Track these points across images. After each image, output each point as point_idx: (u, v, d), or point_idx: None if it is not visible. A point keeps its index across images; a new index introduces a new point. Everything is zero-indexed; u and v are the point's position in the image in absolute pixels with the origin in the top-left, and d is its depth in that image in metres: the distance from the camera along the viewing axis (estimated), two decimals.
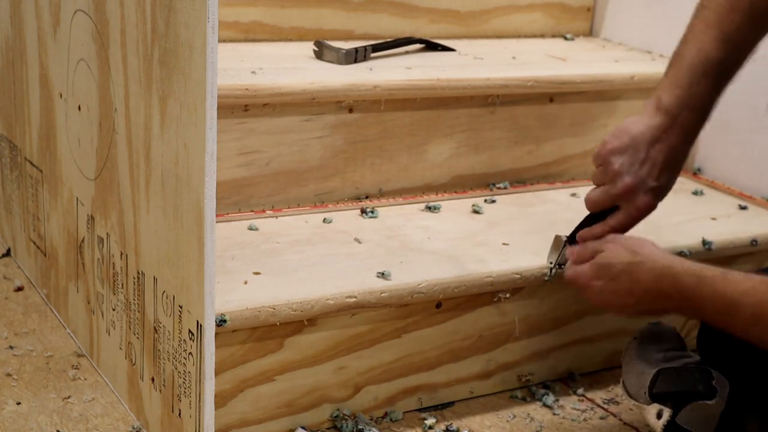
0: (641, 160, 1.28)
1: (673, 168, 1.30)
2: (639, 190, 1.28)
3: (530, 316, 1.44)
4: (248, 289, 1.25)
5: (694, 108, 1.27)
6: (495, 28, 1.99)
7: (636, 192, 1.28)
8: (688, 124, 1.28)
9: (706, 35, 1.27)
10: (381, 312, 1.31)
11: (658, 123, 1.28)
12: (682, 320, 1.57)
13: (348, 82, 1.52)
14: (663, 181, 1.29)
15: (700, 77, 1.27)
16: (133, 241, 1.25)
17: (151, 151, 1.17)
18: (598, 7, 2.10)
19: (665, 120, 1.28)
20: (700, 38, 1.27)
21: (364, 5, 1.82)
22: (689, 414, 1.21)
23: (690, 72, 1.27)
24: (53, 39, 1.40)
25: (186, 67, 1.07)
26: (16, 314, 1.54)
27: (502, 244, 1.47)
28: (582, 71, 1.74)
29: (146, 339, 1.25)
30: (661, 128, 1.28)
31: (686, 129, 1.28)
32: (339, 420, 1.32)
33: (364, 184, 1.59)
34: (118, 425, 1.29)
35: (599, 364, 1.53)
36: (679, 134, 1.28)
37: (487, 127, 1.67)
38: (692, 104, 1.27)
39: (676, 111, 1.27)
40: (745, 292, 1.08)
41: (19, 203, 1.66)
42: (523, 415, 1.40)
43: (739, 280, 1.10)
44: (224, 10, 1.69)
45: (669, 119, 1.28)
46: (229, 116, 1.44)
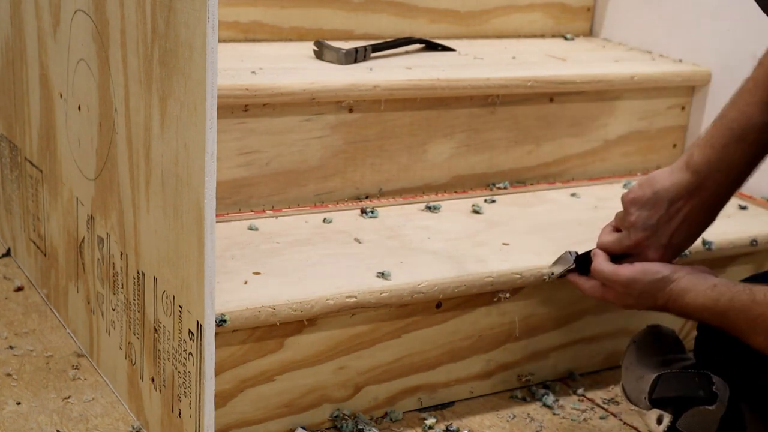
0: (659, 217, 1.25)
1: (690, 229, 1.27)
2: (650, 246, 1.27)
3: (530, 316, 1.44)
4: (248, 289, 1.25)
5: (725, 172, 1.22)
6: (495, 28, 1.99)
7: (647, 248, 1.27)
8: (715, 187, 1.23)
9: (754, 96, 1.20)
10: (381, 312, 1.31)
11: (685, 182, 1.24)
12: (681, 323, 1.57)
13: (348, 82, 1.52)
14: (677, 240, 1.27)
15: (737, 140, 1.21)
16: (133, 241, 1.25)
17: (151, 151, 1.17)
18: (598, 7, 2.10)
19: (692, 179, 1.24)
20: (746, 99, 1.21)
21: (364, 5, 1.82)
22: (690, 419, 1.21)
23: (728, 133, 1.21)
24: (53, 39, 1.40)
25: (186, 67, 1.07)
26: (16, 314, 1.54)
27: (502, 244, 1.47)
28: (582, 71, 1.74)
29: (146, 339, 1.25)
30: (686, 188, 1.24)
31: (713, 192, 1.24)
32: (339, 420, 1.32)
33: (364, 184, 1.59)
34: (118, 425, 1.29)
35: (599, 364, 1.53)
36: (704, 197, 1.24)
37: (487, 127, 1.67)
38: (723, 168, 1.22)
39: (705, 172, 1.23)
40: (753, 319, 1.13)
41: (19, 203, 1.66)
42: (523, 415, 1.40)
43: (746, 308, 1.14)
44: (224, 10, 1.69)
45: (696, 179, 1.24)
46: (229, 116, 1.44)
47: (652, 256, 1.27)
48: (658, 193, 1.25)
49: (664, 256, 1.28)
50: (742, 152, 1.21)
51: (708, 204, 1.25)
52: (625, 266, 1.26)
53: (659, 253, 1.27)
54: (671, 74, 1.82)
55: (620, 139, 1.81)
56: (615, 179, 1.81)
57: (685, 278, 1.22)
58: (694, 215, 1.26)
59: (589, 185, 1.78)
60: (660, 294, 1.24)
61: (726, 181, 1.23)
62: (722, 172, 1.23)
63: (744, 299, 1.13)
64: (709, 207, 1.26)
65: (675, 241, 1.27)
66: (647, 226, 1.26)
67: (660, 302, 1.24)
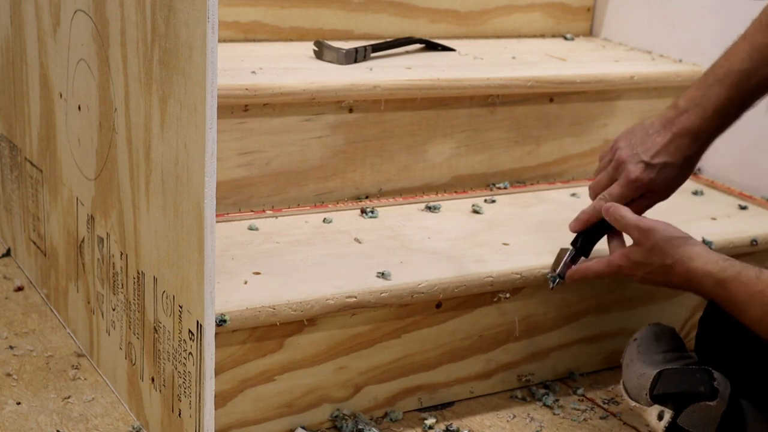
0: (641, 139, 1.32)
1: (671, 154, 1.31)
2: (631, 161, 1.31)
3: (530, 316, 1.44)
4: (248, 289, 1.25)
5: (706, 108, 1.30)
6: (495, 28, 1.99)
7: (627, 162, 1.32)
8: (696, 120, 1.30)
9: (738, 47, 1.32)
10: (381, 312, 1.31)
11: (668, 115, 1.32)
12: (682, 321, 1.57)
13: (348, 82, 1.52)
14: (658, 161, 1.31)
15: (717, 82, 1.30)
16: (133, 241, 1.25)
17: (151, 151, 1.17)
18: (598, 7, 2.10)
19: (673, 113, 1.32)
20: (731, 50, 1.32)
21: (364, 5, 1.82)
22: (691, 415, 1.21)
23: (710, 76, 1.32)
24: (53, 39, 1.40)
25: (186, 67, 1.07)
26: (16, 314, 1.54)
27: (502, 244, 1.47)
28: (582, 71, 1.74)
29: (146, 339, 1.25)
30: (668, 119, 1.32)
31: (692, 123, 1.31)
32: (339, 420, 1.32)
33: (364, 184, 1.59)
34: (118, 425, 1.29)
35: (599, 364, 1.53)
36: (682, 126, 1.31)
37: (487, 127, 1.67)
38: (704, 105, 1.30)
39: (685, 107, 1.31)
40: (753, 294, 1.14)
41: (19, 203, 1.66)
42: (523, 415, 1.40)
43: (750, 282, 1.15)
44: (224, 10, 1.69)
45: (677, 113, 1.31)
46: (229, 116, 1.44)
47: (632, 170, 1.31)
48: (643, 125, 1.34)
49: (642, 170, 1.31)
50: (723, 92, 1.30)
51: (687, 131, 1.31)
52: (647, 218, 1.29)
53: (638, 167, 1.31)
54: (671, 74, 1.82)
55: None
56: None
57: (699, 246, 1.24)
58: (674, 139, 1.31)
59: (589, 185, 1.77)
60: (672, 252, 1.24)
61: (706, 116, 1.30)
62: (703, 108, 1.30)
63: (750, 275, 1.16)
64: (689, 134, 1.31)
65: (656, 160, 1.31)
66: (629, 146, 1.32)
67: (668, 260, 1.24)
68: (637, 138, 1.33)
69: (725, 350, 1.27)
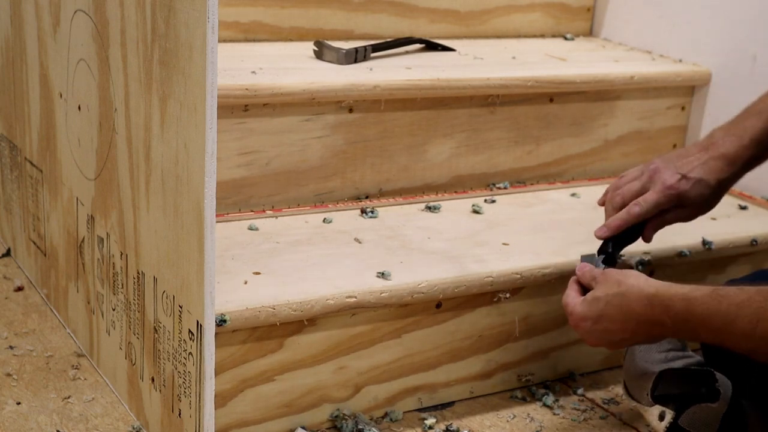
0: (677, 157, 1.33)
1: (706, 173, 1.32)
2: (667, 171, 1.32)
3: (530, 316, 1.44)
4: (248, 289, 1.25)
5: (742, 137, 1.32)
6: (495, 28, 1.99)
7: (664, 171, 1.32)
8: (732, 147, 1.31)
9: None
10: (381, 312, 1.31)
11: (704, 143, 1.33)
12: None
13: (348, 82, 1.52)
14: (694, 175, 1.31)
15: (755, 115, 1.32)
16: (133, 241, 1.25)
17: (151, 151, 1.17)
18: (598, 7, 2.10)
19: (709, 141, 1.33)
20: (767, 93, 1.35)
21: (364, 5, 1.82)
22: (692, 416, 1.21)
23: (747, 112, 1.34)
24: (53, 39, 1.40)
25: (186, 67, 1.07)
26: (16, 314, 1.54)
27: (502, 244, 1.47)
28: (582, 71, 1.74)
29: (146, 339, 1.25)
30: (704, 146, 1.33)
31: (727, 149, 1.32)
32: (339, 420, 1.32)
33: (364, 184, 1.59)
34: (118, 425, 1.29)
35: (599, 364, 1.53)
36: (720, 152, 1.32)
37: (487, 127, 1.67)
38: (740, 133, 1.32)
39: (722, 135, 1.33)
40: (740, 304, 1.05)
41: (19, 203, 1.66)
42: (523, 415, 1.40)
43: (732, 294, 1.06)
44: (224, 10, 1.69)
45: (713, 141, 1.33)
46: (229, 116, 1.44)
47: (668, 177, 1.31)
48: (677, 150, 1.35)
49: (678, 180, 1.31)
50: (755, 123, 1.32)
51: (723, 155, 1.32)
52: None
53: (675, 176, 1.31)
54: (671, 74, 1.82)
55: (620, 139, 1.81)
56: (615, 179, 1.81)
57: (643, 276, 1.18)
58: (710, 161, 1.32)
59: (589, 185, 1.78)
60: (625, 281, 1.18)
61: (741, 142, 1.32)
62: (737, 135, 1.32)
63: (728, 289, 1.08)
64: (725, 157, 1.32)
65: (692, 175, 1.31)
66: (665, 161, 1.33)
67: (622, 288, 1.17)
68: (674, 158, 1.34)
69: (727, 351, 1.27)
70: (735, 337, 1.06)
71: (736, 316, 1.05)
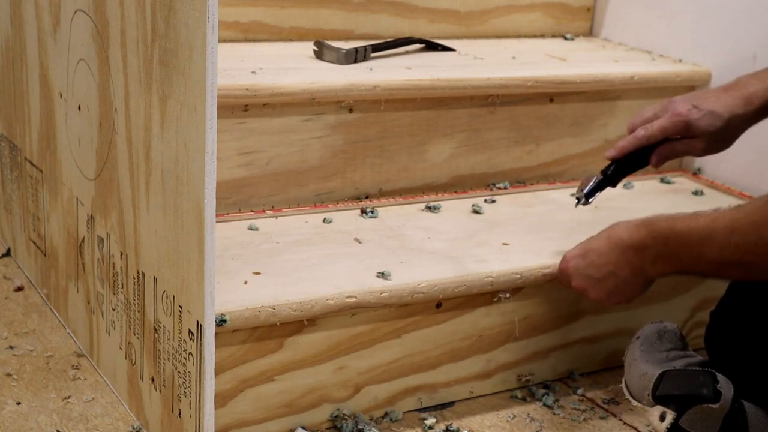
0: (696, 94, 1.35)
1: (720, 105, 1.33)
2: (680, 101, 1.34)
3: (530, 316, 1.44)
4: (248, 289, 1.25)
5: (764, 80, 1.33)
6: (495, 28, 1.99)
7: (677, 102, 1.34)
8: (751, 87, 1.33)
9: None
10: (381, 312, 1.31)
11: (726, 84, 1.35)
12: (682, 321, 1.57)
13: (348, 82, 1.52)
14: (707, 106, 1.32)
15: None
16: (133, 241, 1.25)
17: (151, 151, 1.17)
18: (598, 7, 2.10)
19: (732, 83, 1.34)
20: None
21: (364, 5, 1.82)
22: (693, 417, 1.21)
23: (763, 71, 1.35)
24: (53, 39, 1.40)
25: (186, 67, 1.07)
26: (16, 314, 1.54)
27: (502, 244, 1.47)
28: (582, 71, 1.74)
29: (146, 339, 1.25)
30: (725, 86, 1.35)
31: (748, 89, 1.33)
32: (339, 420, 1.32)
33: (364, 184, 1.59)
34: (118, 425, 1.29)
35: (599, 364, 1.53)
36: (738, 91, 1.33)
37: (487, 127, 1.67)
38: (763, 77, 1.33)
39: (744, 78, 1.34)
40: (716, 218, 1.14)
41: (19, 203, 1.66)
42: (523, 415, 1.40)
43: (708, 212, 1.16)
44: (224, 10, 1.69)
45: (735, 83, 1.35)
46: (229, 116, 1.44)
47: (681, 106, 1.33)
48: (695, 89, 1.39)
49: (690, 109, 1.32)
50: None
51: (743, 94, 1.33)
52: None
53: (686, 105, 1.33)
54: (671, 74, 1.82)
55: (620, 139, 1.81)
56: None
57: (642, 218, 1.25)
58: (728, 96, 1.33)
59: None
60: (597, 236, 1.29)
61: (763, 84, 1.33)
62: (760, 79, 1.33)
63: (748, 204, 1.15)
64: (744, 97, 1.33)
65: (704, 106, 1.33)
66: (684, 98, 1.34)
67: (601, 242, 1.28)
68: (694, 94, 1.36)
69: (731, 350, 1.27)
70: (711, 251, 1.13)
71: (712, 229, 1.13)
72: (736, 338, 1.26)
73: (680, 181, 1.85)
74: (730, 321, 1.27)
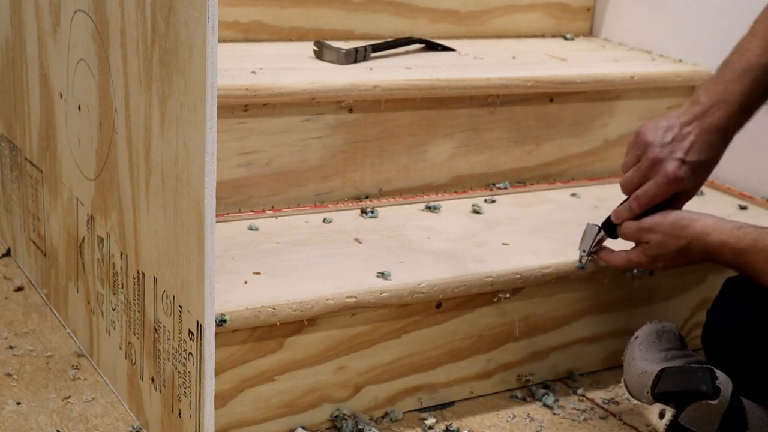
0: (672, 137, 1.32)
1: (704, 149, 1.32)
2: (668, 159, 1.32)
3: (530, 316, 1.44)
4: (248, 289, 1.25)
5: (730, 103, 1.32)
6: (495, 28, 1.99)
7: (665, 160, 1.32)
8: (724, 116, 1.32)
9: (751, 43, 1.34)
10: (381, 312, 1.31)
11: (693, 110, 1.33)
12: (682, 320, 1.57)
13: (348, 82, 1.52)
14: (692, 158, 1.32)
15: (738, 76, 1.33)
16: (133, 241, 1.25)
17: (151, 151, 1.17)
18: (598, 7, 2.10)
19: (699, 108, 1.33)
20: (743, 46, 1.36)
21: (364, 5, 1.82)
22: (692, 414, 1.21)
23: (728, 72, 1.34)
24: (53, 39, 1.40)
25: (186, 67, 1.07)
26: (16, 314, 1.54)
27: (502, 244, 1.47)
28: (582, 71, 1.74)
29: (146, 339, 1.25)
30: (694, 113, 1.33)
31: (719, 118, 1.32)
32: (339, 420, 1.32)
33: (364, 184, 1.59)
34: (118, 425, 1.29)
35: (599, 364, 1.53)
36: (712, 121, 1.32)
37: (487, 127, 1.67)
38: (728, 99, 1.33)
39: (710, 103, 1.33)
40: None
41: (19, 203, 1.66)
42: (523, 415, 1.40)
43: None
44: (224, 10, 1.69)
45: (702, 108, 1.33)
46: (229, 116, 1.44)
47: (670, 168, 1.31)
48: (669, 119, 1.34)
49: (680, 168, 1.31)
50: (745, 85, 1.33)
51: (717, 127, 1.33)
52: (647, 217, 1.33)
53: (675, 165, 1.31)
54: (671, 74, 1.82)
55: (620, 139, 1.81)
56: (615, 179, 1.80)
57: (709, 219, 1.29)
58: (705, 135, 1.32)
59: (589, 185, 1.78)
60: (684, 233, 1.29)
61: (731, 110, 1.33)
62: (727, 103, 1.33)
63: (767, 240, 1.21)
64: (719, 130, 1.33)
65: (690, 158, 1.32)
66: (663, 143, 1.32)
67: (683, 242, 1.29)
68: (666, 134, 1.33)
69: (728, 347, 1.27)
70: None
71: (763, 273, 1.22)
72: (732, 336, 1.26)
73: None
74: (726, 319, 1.27)
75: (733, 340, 1.26)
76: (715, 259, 1.29)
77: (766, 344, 1.22)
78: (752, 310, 1.24)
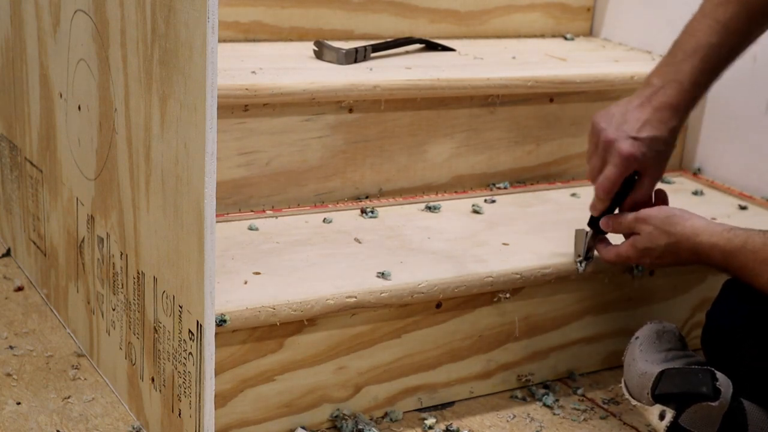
0: (622, 117, 1.34)
1: (656, 128, 1.33)
2: (619, 140, 1.33)
3: (530, 316, 1.44)
4: (248, 289, 1.25)
5: (681, 82, 1.33)
6: (495, 28, 1.99)
7: (616, 141, 1.33)
8: (675, 93, 1.33)
9: (700, 23, 1.36)
10: (381, 312, 1.31)
11: (645, 92, 1.35)
12: (682, 321, 1.57)
13: (348, 82, 1.52)
14: (645, 135, 1.32)
15: (688, 56, 1.34)
16: (133, 241, 1.25)
17: (151, 151, 1.17)
18: (598, 7, 2.10)
19: (650, 90, 1.35)
20: (693, 26, 1.36)
21: (364, 5, 1.82)
22: (692, 415, 1.21)
23: (678, 52, 1.35)
24: (53, 39, 1.40)
25: (186, 67, 1.07)
26: (16, 314, 1.54)
27: (502, 244, 1.47)
28: (582, 71, 1.74)
29: (146, 339, 1.25)
30: (646, 96, 1.35)
31: (671, 96, 1.34)
32: (339, 420, 1.32)
33: (364, 184, 1.59)
34: (118, 425, 1.29)
35: (599, 364, 1.53)
36: (662, 101, 1.33)
37: (487, 127, 1.67)
38: (680, 79, 1.34)
39: (661, 83, 1.34)
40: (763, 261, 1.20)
41: (19, 203, 1.66)
42: (523, 415, 1.40)
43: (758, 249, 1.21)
44: (224, 10, 1.69)
45: (654, 90, 1.34)
46: (229, 116, 1.44)
47: (623, 147, 1.32)
48: (619, 104, 1.36)
49: (632, 145, 1.32)
50: (695, 65, 1.34)
51: (668, 105, 1.34)
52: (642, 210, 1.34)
53: (628, 143, 1.32)
54: None
55: None
56: None
57: (699, 220, 1.30)
58: (656, 113, 1.33)
59: (589, 185, 1.76)
60: (674, 230, 1.29)
61: (682, 89, 1.34)
62: (677, 81, 1.34)
63: (757, 242, 1.21)
64: (670, 107, 1.34)
65: (642, 134, 1.32)
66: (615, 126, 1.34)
67: (672, 239, 1.29)
68: (618, 117, 1.34)
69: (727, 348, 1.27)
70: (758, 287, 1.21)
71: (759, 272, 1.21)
72: (731, 337, 1.26)
73: (680, 181, 1.85)
74: (725, 320, 1.27)
75: (732, 342, 1.26)
76: (705, 261, 1.28)
77: (766, 346, 1.22)
78: (751, 311, 1.24)
